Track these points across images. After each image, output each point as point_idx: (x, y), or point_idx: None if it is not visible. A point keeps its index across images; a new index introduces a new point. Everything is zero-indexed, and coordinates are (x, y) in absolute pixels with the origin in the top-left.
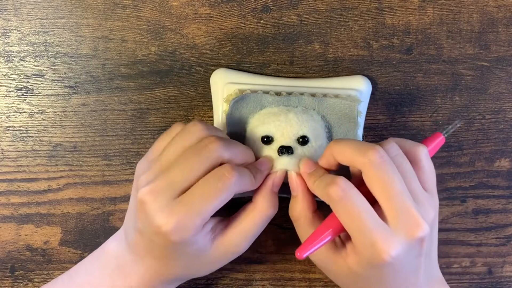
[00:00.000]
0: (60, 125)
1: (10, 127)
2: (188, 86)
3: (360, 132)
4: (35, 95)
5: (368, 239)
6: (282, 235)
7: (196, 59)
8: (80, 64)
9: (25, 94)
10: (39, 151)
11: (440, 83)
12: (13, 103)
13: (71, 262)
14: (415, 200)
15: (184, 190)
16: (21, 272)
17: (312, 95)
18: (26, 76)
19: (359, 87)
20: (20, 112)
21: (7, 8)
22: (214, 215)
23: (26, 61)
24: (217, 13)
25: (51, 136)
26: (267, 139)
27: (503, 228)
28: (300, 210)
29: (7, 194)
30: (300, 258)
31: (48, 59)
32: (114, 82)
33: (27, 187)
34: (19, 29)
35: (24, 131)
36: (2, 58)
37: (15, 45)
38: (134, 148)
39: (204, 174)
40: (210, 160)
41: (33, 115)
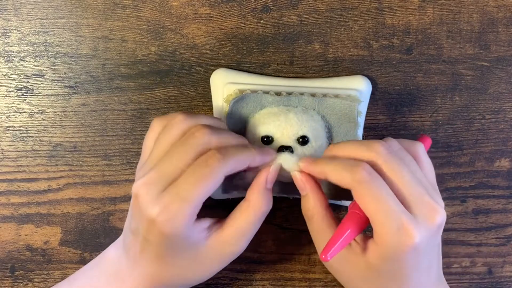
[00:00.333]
0: (60, 125)
1: (10, 127)
2: (188, 86)
3: (360, 132)
4: (35, 95)
5: (394, 222)
6: (282, 235)
7: (196, 59)
8: (80, 64)
9: (25, 94)
10: (39, 151)
11: (440, 83)
12: (13, 103)
13: (71, 262)
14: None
15: (174, 180)
16: (21, 272)
17: (312, 95)
18: (26, 76)
19: (359, 87)
20: (20, 112)
21: (7, 8)
22: (211, 216)
23: (26, 61)
24: (217, 13)
25: (51, 136)
26: (267, 139)
27: (503, 228)
28: (313, 207)
29: (7, 194)
30: (325, 260)
31: (48, 59)
32: (114, 82)
33: (27, 187)
34: (19, 29)
35: (24, 131)
36: (2, 58)
37: (15, 45)
38: (134, 148)
39: (193, 162)
40: (197, 147)
41: (33, 115)
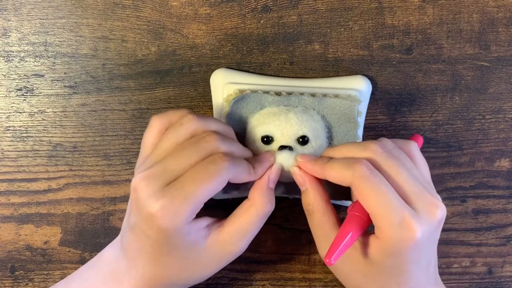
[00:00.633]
0: (60, 125)
1: (10, 127)
2: (188, 86)
3: (360, 132)
4: (35, 95)
5: (396, 216)
6: (282, 235)
7: (196, 59)
8: (80, 64)
9: (25, 94)
10: (39, 151)
11: (440, 83)
12: (13, 103)
13: (71, 262)
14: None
15: (178, 177)
16: (21, 272)
17: (312, 95)
18: (26, 76)
19: (359, 87)
20: (20, 112)
21: (7, 8)
22: (211, 216)
23: (26, 61)
24: (217, 13)
25: (51, 136)
26: (267, 139)
27: (503, 228)
28: (313, 201)
29: (7, 194)
30: (329, 264)
31: (48, 59)
32: (114, 82)
33: (27, 187)
34: (19, 29)
35: (24, 131)
36: (2, 58)
37: (15, 45)
38: (134, 148)
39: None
40: (206, 150)
41: (33, 115)
